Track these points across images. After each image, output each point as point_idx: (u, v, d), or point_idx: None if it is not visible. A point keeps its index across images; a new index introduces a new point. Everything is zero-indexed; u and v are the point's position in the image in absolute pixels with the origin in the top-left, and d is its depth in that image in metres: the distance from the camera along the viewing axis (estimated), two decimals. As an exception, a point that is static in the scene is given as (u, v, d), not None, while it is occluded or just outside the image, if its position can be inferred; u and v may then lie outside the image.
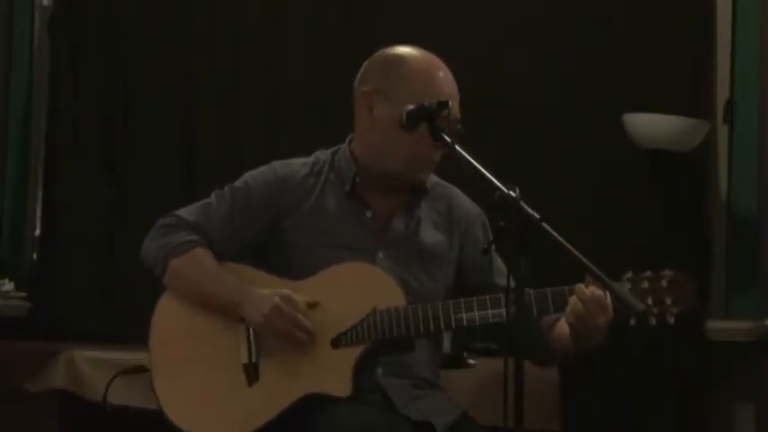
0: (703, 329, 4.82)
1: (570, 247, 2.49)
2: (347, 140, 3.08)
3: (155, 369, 2.99)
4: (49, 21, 5.29)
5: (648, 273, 2.82)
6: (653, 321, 2.79)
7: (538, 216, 2.46)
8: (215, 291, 2.97)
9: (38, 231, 5.28)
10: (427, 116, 2.82)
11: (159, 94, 5.19)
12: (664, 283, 2.80)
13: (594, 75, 4.93)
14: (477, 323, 2.87)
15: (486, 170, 2.62)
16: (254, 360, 2.93)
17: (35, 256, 5.26)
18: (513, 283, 2.47)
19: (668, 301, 2.79)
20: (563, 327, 2.92)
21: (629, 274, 2.83)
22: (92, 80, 5.21)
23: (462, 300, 2.89)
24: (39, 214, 5.29)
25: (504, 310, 2.80)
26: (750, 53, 4.93)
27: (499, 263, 3.07)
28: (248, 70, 5.17)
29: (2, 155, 5.34)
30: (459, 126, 2.93)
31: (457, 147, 2.73)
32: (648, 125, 4.69)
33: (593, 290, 2.77)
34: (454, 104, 2.93)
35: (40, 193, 5.30)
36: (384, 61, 3.03)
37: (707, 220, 4.92)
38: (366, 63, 3.07)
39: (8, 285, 5.19)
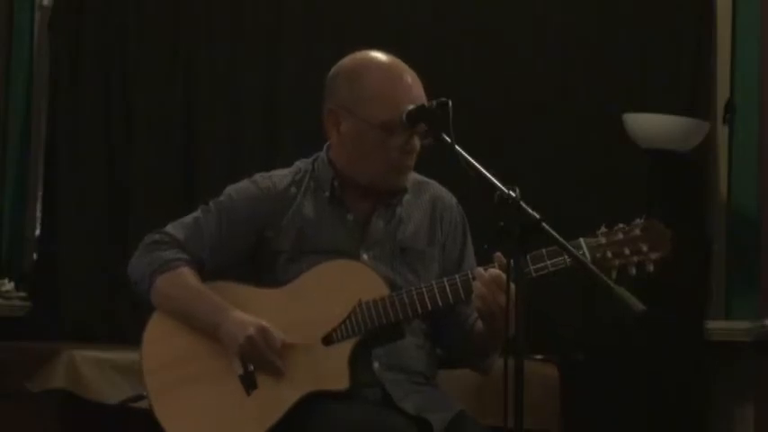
0: (703, 329, 4.82)
1: (570, 247, 2.49)
2: (325, 147, 3.09)
3: (153, 396, 2.99)
4: (49, 21, 5.28)
5: (621, 225, 2.85)
6: (633, 272, 2.80)
7: (537, 216, 2.46)
8: (197, 310, 2.98)
9: (38, 231, 5.28)
10: (427, 116, 2.83)
11: (159, 94, 5.19)
12: (638, 232, 2.83)
13: (594, 75, 4.93)
14: (463, 298, 2.88)
15: (486, 170, 2.62)
16: (249, 369, 2.94)
17: (35, 256, 5.26)
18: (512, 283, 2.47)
19: (645, 248, 2.81)
20: (478, 322, 2.96)
21: (603, 229, 2.85)
22: (92, 80, 5.20)
23: (445, 278, 2.90)
24: (39, 214, 5.29)
25: (483, 288, 2.82)
26: (750, 53, 4.93)
27: (471, 262, 3.09)
28: (248, 71, 5.17)
29: (2, 155, 5.34)
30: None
31: (457, 147, 2.73)
32: (648, 125, 4.69)
33: (491, 271, 2.80)
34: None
35: (39, 194, 5.30)
36: (345, 75, 3.02)
37: (707, 220, 4.92)
38: (329, 75, 3.07)
39: (8, 285, 5.19)
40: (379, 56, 3.03)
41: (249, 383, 2.93)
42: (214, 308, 2.96)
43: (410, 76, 2.98)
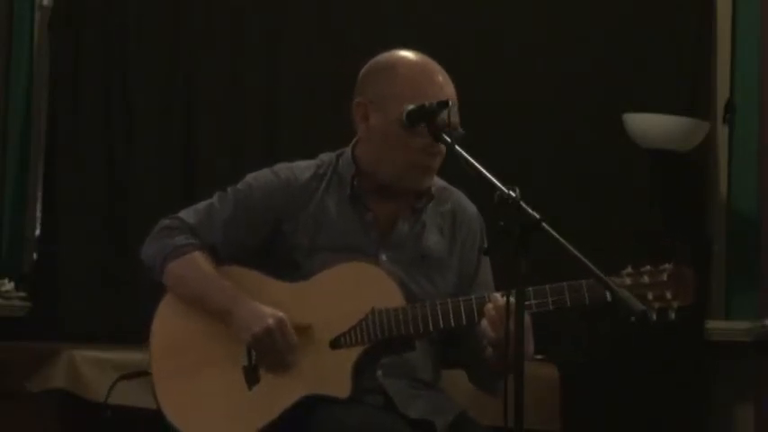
0: (703, 329, 4.82)
1: (570, 248, 2.49)
2: (351, 144, 3.06)
3: (156, 378, 2.99)
4: (49, 21, 5.28)
5: (648, 267, 2.81)
6: (653, 317, 2.77)
7: (537, 216, 2.46)
8: (209, 296, 2.97)
9: (38, 231, 5.28)
10: (427, 116, 2.82)
11: (159, 94, 5.19)
12: (664, 277, 2.79)
13: (594, 75, 4.93)
14: (477, 321, 2.86)
15: (487, 170, 2.62)
16: (253, 363, 2.93)
17: (35, 256, 5.26)
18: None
19: (668, 295, 2.77)
20: (488, 348, 2.92)
21: (629, 269, 2.82)
22: (92, 80, 5.20)
23: (462, 298, 2.88)
24: (39, 214, 5.29)
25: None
26: (750, 53, 4.93)
27: (487, 276, 3.07)
28: (248, 71, 5.17)
29: (2, 155, 5.34)
30: (460, 130, 2.91)
31: (457, 147, 2.73)
32: (648, 125, 4.69)
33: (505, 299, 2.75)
34: (453, 109, 2.91)
35: (39, 194, 5.30)
36: (377, 69, 3.01)
37: (707, 220, 4.92)
38: (363, 69, 3.05)
39: (8, 285, 5.19)
40: (413, 55, 3.01)
41: (252, 377, 2.93)
42: (227, 293, 2.94)
43: (437, 76, 2.95)
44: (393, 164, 2.95)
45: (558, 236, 2.47)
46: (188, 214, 3.05)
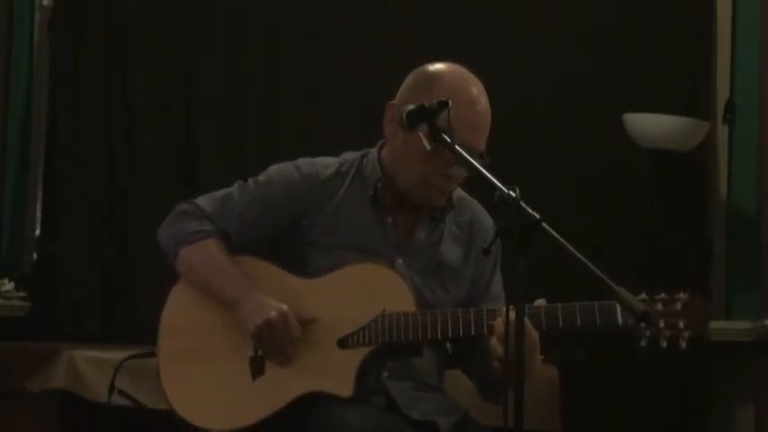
0: (703, 329, 4.82)
1: (570, 248, 2.48)
2: (378, 145, 3.05)
3: (162, 356, 3.00)
4: (49, 21, 5.29)
5: (663, 295, 2.79)
6: (664, 344, 2.76)
7: (537, 216, 2.46)
8: (218, 285, 2.97)
9: (38, 231, 5.28)
10: (427, 116, 2.81)
11: (159, 94, 5.19)
12: (678, 306, 2.76)
13: (594, 75, 4.93)
14: (486, 333, 2.84)
15: (487, 170, 2.62)
16: (260, 354, 2.93)
17: (35, 256, 5.26)
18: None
19: (681, 324, 2.75)
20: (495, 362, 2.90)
21: (643, 295, 2.79)
22: (92, 80, 5.21)
23: (472, 309, 2.88)
24: (39, 214, 5.29)
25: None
26: (750, 53, 4.93)
27: (499, 289, 3.07)
28: (248, 70, 5.17)
29: (2, 155, 5.34)
30: (485, 158, 2.89)
31: (457, 147, 2.72)
32: (648, 125, 4.69)
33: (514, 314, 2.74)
34: (479, 136, 2.94)
35: (39, 194, 5.30)
36: (420, 77, 2.99)
37: (707, 220, 4.92)
38: (410, 74, 3.03)
39: (8, 285, 5.19)
40: (456, 69, 3.04)
41: (257, 369, 2.92)
42: (236, 284, 2.94)
43: (478, 93, 3.03)
44: (409, 174, 2.94)
45: (558, 236, 2.46)
46: (205, 201, 3.05)
